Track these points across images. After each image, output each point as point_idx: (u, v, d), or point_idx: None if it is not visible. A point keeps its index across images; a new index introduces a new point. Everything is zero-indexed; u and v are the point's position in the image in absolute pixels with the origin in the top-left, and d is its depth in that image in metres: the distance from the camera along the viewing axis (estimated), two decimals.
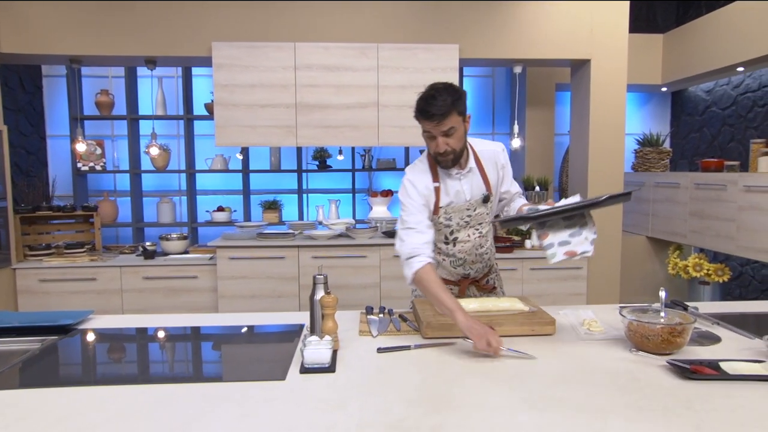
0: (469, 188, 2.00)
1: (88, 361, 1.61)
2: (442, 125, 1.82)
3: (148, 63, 3.96)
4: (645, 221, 5.02)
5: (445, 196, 2.00)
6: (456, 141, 1.87)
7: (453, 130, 1.84)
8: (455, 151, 1.88)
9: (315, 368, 1.45)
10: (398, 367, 1.47)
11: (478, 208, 2.01)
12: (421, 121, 1.85)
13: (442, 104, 1.78)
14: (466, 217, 2.01)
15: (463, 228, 2.04)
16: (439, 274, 2.12)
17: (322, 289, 1.66)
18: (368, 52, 3.79)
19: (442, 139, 1.84)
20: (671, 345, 1.51)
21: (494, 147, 2.08)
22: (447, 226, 2.02)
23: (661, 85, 5.01)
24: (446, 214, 2.01)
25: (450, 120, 1.81)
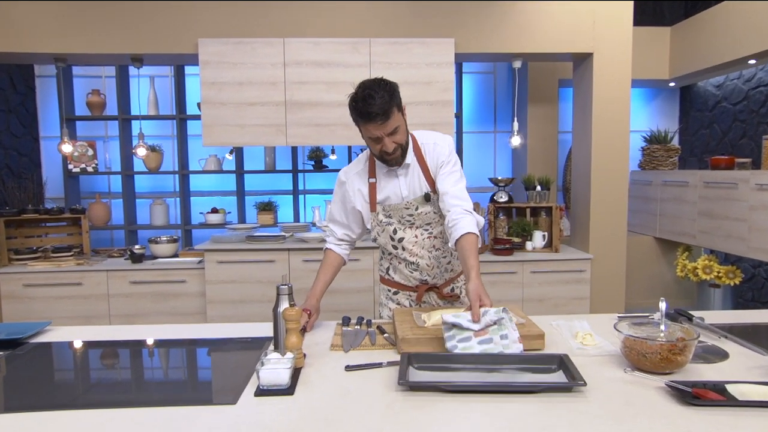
0: (406, 185, 1.89)
1: (22, 383, 1.43)
2: (386, 126, 1.71)
3: (135, 61, 3.84)
4: (652, 221, 4.83)
5: (381, 192, 1.91)
6: (402, 136, 1.79)
7: (398, 129, 1.75)
8: (402, 146, 1.81)
9: (272, 390, 1.30)
10: (365, 389, 1.33)
11: (420, 207, 1.88)
12: (361, 124, 1.74)
13: (381, 102, 1.66)
14: (407, 216, 1.90)
15: (407, 227, 1.92)
16: (397, 279, 2.02)
17: (286, 300, 1.52)
18: (360, 47, 3.65)
19: (389, 138, 1.74)
20: (671, 364, 1.35)
21: (438, 140, 1.90)
22: (389, 224, 1.92)
23: (668, 80, 4.81)
24: (385, 212, 1.91)
25: (393, 118, 1.71)
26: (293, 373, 1.40)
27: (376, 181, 1.90)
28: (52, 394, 1.33)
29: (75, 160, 4.67)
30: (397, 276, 2.00)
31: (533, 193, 4.07)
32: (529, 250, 4.00)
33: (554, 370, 1.39)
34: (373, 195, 1.90)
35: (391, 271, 2.02)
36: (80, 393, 1.33)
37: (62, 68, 4.36)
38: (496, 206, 4.09)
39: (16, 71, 4.69)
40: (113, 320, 3.76)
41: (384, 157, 1.81)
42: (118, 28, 3.65)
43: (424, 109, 3.70)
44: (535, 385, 1.29)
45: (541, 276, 3.83)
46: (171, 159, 4.95)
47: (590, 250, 3.90)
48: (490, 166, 5.16)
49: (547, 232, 4.02)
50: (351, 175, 1.94)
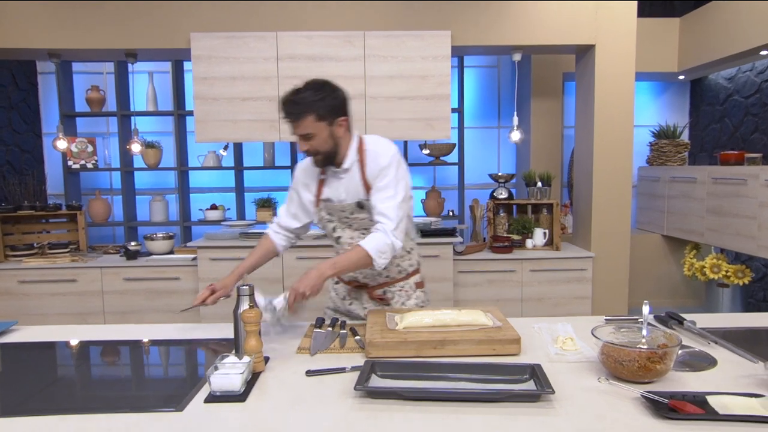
0: (344, 189, 1.88)
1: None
2: (297, 128, 1.73)
3: (129, 56, 3.81)
4: (660, 218, 4.70)
5: (326, 191, 1.92)
6: (319, 144, 1.76)
7: (312, 136, 1.73)
8: (320, 152, 1.79)
9: (223, 396, 1.24)
10: (322, 396, 1.26)
11: (354, 213, 1.88)
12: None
13: (297, 101, 1.69)
14: (344, 217, 1.91)
15: (346, 228, 1.93)
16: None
17: (246, 301, 1.45)
18: (354, 40, 3.57)
19: (302, 141, 1.76)
20: (650, 372, 1.26)
21: (381, 149, 1.83)
22: (330, 221, 1.94)
23: (677, 72, 4.66)
24: (326, 209, 1.93)
25: (305, 124, 1.71)
26: (250, 378, 1.34)
27: (325, 178, 1.92)
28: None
29: (75, 157, 4.66)
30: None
31: (534, 190, 3.97)
32: (530, 248, 3.90)
33: (525, 380, 1.31)
34: (319, 191, 1.93)
35: None
36: (21, 400, 1.26)
37: (61, 64, 4.36)
38: (496, 203, 3.99)
39: (17, 68, 4.69)
40: (107, 317, 3.74)
41: (308, 155, 1.83)
42: (111, 23, 3.61)
43: (420, 103, 3.61)
44: (498, 393, 1.21)
45: (541, 275, 3.73)
46: (173, 155, 4.92)
47: (592, 249, 3.79)
48: (493, 162, 5.05)
49: (548, 230, 3.91)
50: (307, 167, 1.95)
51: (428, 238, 3.69)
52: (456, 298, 3.71)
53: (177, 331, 1.82)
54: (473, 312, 1.64)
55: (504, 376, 1.33)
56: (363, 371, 1.31)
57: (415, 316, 1.61)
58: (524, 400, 1.21)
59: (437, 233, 3.75)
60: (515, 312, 3.73)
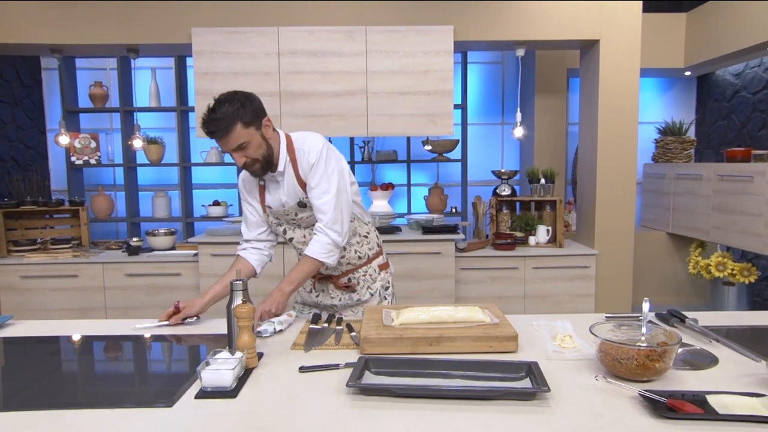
0: (285, 192, 1.86)
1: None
2: (228, 142, 1.67)
3: (130, 51, 3.81)
4: (665, 216, 4.65)
5: (268, 196, 1.91)
6: (254, 151, 1.73)
7: (245, 145, 1.70)
8: (259, 160, 1.75)
9: (214, 392, 1.23)
10: (314, 392, 1.24)
11: (299, 213, 1.87)
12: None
13: (221, 118, 1.63)
14: (290, 220, 1.91)
15: (295, 228, 1.93)
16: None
17: (239, 296, 1.44)
18: (356, 35, 3.55)
19: (236, 154, 1.71)
20: (649, 371, 1.24)
21: (308, 144, 1.82)
22: (278, 224, 1.94)
23: (684, 68, 4.60)
24: (272, 214, 1.92)
25: (235, 134, 1.66)
26: (242, 373, 1.33)
27: (264, 184, 1.90)
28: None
29: (78, 153, 4.67)
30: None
31: (537, 187, 3.93)
32: (533, 245, 3.87)
33: (522, 378, 1.29)
34: (262, 197, 1.91)
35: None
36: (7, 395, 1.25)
37: (64, 60, 4.37)
38: (499, 200, 3.96)
39: (22, 64, 4.70)
40: (109, 313, 3.75)
41: (245, 169, 1.79)
42: (112, 18, 3.61)
43: (422, 99, 3.59)
44: (492, 391, 1.19)
45: (543, 272, 3.70)
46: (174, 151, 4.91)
47: (596, 246, 3.76)
48: (497, 158, 5.01)
49: (551, 227, 3.88)
50: (246, 178, 1.93)
51: (430, 235, 3.66)
52: (458, 295, 3.69)
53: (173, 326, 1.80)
54: (470, 308, 1.61)
55: (500, 374, 1.31)
56: (356, 368, 1.29)
57: (412, 312, 1.59)
58: (519, 398, 1.18)
59: (439, 230, 3.72)
60: (518, 309, 3.70)
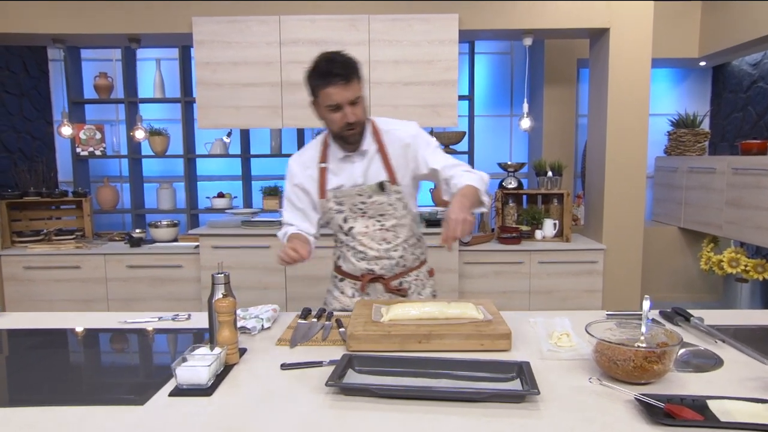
0: (361, 171, 1.77)
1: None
2: (348, 89, 1.61)
3: (132, 41, 3.78)
4: (677, 210, 4.53)
5: (333, 179, 1.80)
6: (362, 112, 1.70)
7: (359, 99, 1.67)
8: (362, 124, 1.71)
9: (189, 390, 1.18)
10: (293, 391, 1.19)
11: (374, 196, 1.77)
12: (322, 89, 1.63)
13: (344, 63, 1.61)
14: (359, 203, 1.78)
15: (359, 217, 1.80)
16: (345, 268, 1.90)
17: (220, 290, 1.39)
18: (358, 24, 3.47)
19: (350, 107, 1.64)
20: (647, 373, 1.17)
21: (400, 125, 1.81)
22: (339, 212, 1.81)
23: (698, 58, 4.46)
24: (336, 198, 1.79)
25: (355, 85, 1.64)
26: (221, 370, 1.28)
27: (326, 166, 1.80)
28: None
29: (83, 144, 4.66)
30: (345, 264, 1.90)
31: (544, 179, 3.84)
32: (539, 239, 3.79)
33: (512, 378, 1.22)
34: (323, 180, 1.80)
35: (341, 260, 1.93)
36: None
37: (69, 51, 4.35)
38: (505, 193, 3.87)
39: (28, 55, 4.69)
40: (111, 304, 3.74)
41: (344, 132, 1.69)
42: (114, 7, 3.57)
43: (426, 89, 3.51)
44: (478, 393, 1.12)
45: (549, 267, 3.61)
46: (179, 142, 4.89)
47: (604, 241, 3.66)
48: (505, 151, 4.92)
49: (558, 221, 3.79)
50: (302, 160, 1.84)
51: (434, 228, 3.59)
52: (461, 289, 3.62)
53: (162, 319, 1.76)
54: (463, 304, 1.55)
55: (490, 374, 1.24)
56: (338, 366, 1.23)
57: (402, 308, 1.53)
58: (507, 400, 1.12)
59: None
60: (522, 305, 3.63)
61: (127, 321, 1.70)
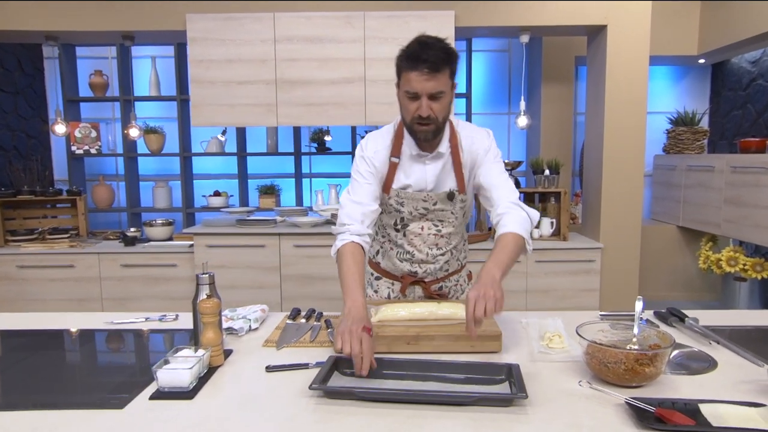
0: (433, 177, 1.64)
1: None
2: (432, 80, 1.44)
3: (126, 39, 3.74)
4: (675, 209, 4.50)
5: (402, 177, 1.66)
6: (442, 109, 1.51)
7: (442, 95, 1.48)
8: (438, 122, 1.52)
9: (172, 392, 1.15)
10: (276, 394, 1.16)
11: (439, 203, 1.65)
12: (405, 73, 1.48)
13: (437, 52, 1.43)
14: (421, 208, 1.67)
15: (416, 219, 1.69)
16: (384, 266, 1.81)
17: (205, 291, 1.36)
18: (354, 21, 3.44)
19: (427, 101, 1.47)
20: (638, 376, 1.14)
21: (478, 134, 1.67)
22: (398, 211, 1.69)
23: (698, 56, 4.43)
24: (398, 198, 1.67)
25: (442, 78, 1.46)
26: (205, 372, 1.25)
27: (399, 161, 1.64)
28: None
29: (78, 142, 4.63)
30: (385, 262, 1.80)
31: (541, 178, 3.81)
32: (536, 238, 3.76)
33: (501, 381, 1.20)
34: (390, 176, 1.65)
35: (379, 255, 1.82)
36: None
37: (64, 48, 4.33)
38: None
39: (23, 52, 4.66)
40: (105, 304, 3.72)
41: (415, 125, 1.53)
42: (107, 4, 3.54)
43: None
44: (465, 397, 1.10)
45: (546, 266, 3.59)
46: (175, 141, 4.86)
47: (601, 240, 3.63)
48: (503, 149, 4.87)
49: (555, 219, 3.76)
50: (376, 142, 1.66)
51: None
52: None
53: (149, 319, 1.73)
54: (454, 305, 1.52)
55: (479, 376, 1.22)
56: (323, 369, 1.21)
57: (391, 308, 1.51)
58: (494, 404, 1.09)
59: None
60: (519, 304, 3.60)
61: (114, 322, 1.68)
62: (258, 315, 1.64)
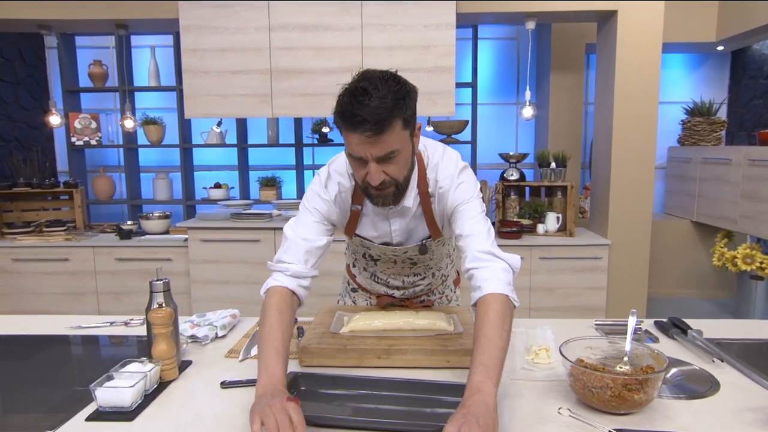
0: (400, 231, 1.40)
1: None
2: (378, 143, 1.12)
3: (119, 28, 3.66)
4: (690, 203, 4.32)
5: (365, 226, 1.42)
6: (400, 169, 1.20)
7: (395, 154, 1.16)
8: (398, 183, 1.22)
9: (113, 412, 1.06)
10: (226, 414, 1.06)
11: (410, 252, 1.45)
12: (344, 132, 1.16)
13: (378, 105, 1.08)
14: (391, 255, 1.47)
15: (387, 261, 1.51)
16: (360, 281, 1.67)
17: (158, 299, 1.26)
18: (351, 8, 3.30)
19: (377, 166, 1.16)
20: (626, 403, 1.02)
21: (447, 167, 1.33)
22: (366, 248, 1.50)
23: (716, 42, 4.22)
24: (363, 244, 1.47)
25: (391, 134, 1.12)
26: (155, 387, 1.16)
27: (361, 209, 1.38)
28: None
29: (78, 133, 4.57)
30: (360, 278, 1.66)
31: (547, 171, 3.66)
32: (541, 233, 3.62)
33: None
34: (353, 223, 1.41)
35: (355, 269, 1.67)
36: None
37: (63, 38, 4.26)
38: (506, 185, 3.70)
39: (24, 42, 4.59)
40: (101, 297, 3.67)
41: (369, 190, 1.22)
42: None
43: (422, 76, 3.34)
44: (421, 426, 0.98)
45: (551, 263, 3.45)
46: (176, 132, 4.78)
47: (609, 236, 3.48)
48: (510, 141, 4.73)
49: (561, 214, 3.61)
50: (335, 187, 1.35)
51: None
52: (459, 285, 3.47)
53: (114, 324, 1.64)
54: (433, 314, 1.41)
55: (447, 398, 1.10)
56: None
57: (365, 318, 1.40)
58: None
59: None
60: (523, 302, 3.47)
61: (75, 326, 1.59)
62: (226, 321, 1.54)
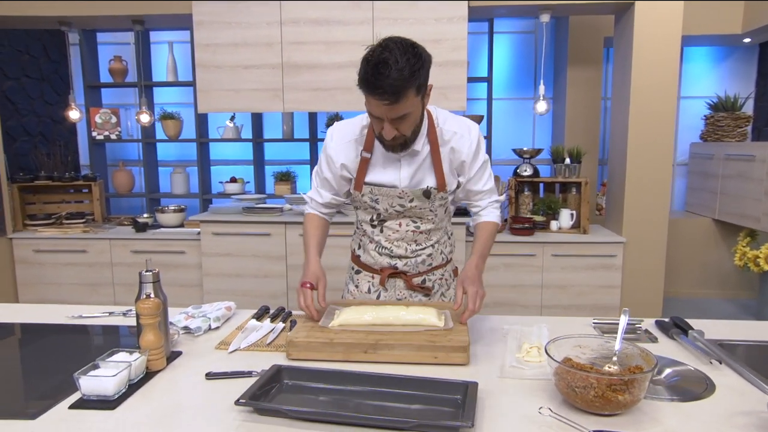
0: (408, 174, 1.56)
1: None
2: (394, 107, 1.33)
3: (135, 23, 3.71)
4: (712, 201, 4.20)
5: (374, 173, 1.58)
6: (408, 126, 1.43)
7: (407, 116, 1.39)
8: (406, 138, 1.46)
9: (96, 401, 1.07)
10: (209, 406, 1.07)
11: (415, 200, 1.57)
12: (365, 93, 1.37)
13: (396, 78, 1.28)
14: (397, 205, 1.58)
15: (393, 217, 1.61)
16: (364, 260, 1.72)
17: (147, 289, 1.28)
18: (362, 2, 3.29)
19: (390, 126, 1.38)
20: (609, 404, 0.99)
21: (462, 131, 1.55)
22: (373, 208, 1.61)
23: (742, 34, 4.07)
24: (372, 195, 1.58)
25: (405, 102, 1.33)
26: (141, 377, 1.17)
27: (371, 156, 1.56)
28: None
29: (98, 128, 4.67)
30: (365, 256, 1.71)
31: (562, 167, 3.59)
32: (554, 230, 3.56)
33: (457, 402, 1.06)
34: (362, 172, 1.58)
35: (360, 249, 1.74)
36: None
37: (85, 34, 4.35)
38: (519, 180, 3.65)
39: (48, 39, 4.70)
40: (117, 289, 3.75)
41: (380, 139, 1.48)
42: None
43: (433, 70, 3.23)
44: (404, 423, 0.97)
45: (563, 260, 3.39)
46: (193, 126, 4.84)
47: (624, 233, 3.40)
48: (527, 136, 4.66)
49: (575, 211, 3.55)
50: (342, 140, 1.58)
51: (460, 218, 3.40)
52: None
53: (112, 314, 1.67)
54: (424, 309, 1.39)
55: (431, 394, 1.09)
56: (260, 379, 1.11)
57: (356, 311, 1.39)
58: (436, 431, 0.97)
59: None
60: (534, 300, 3.43)
61: (78, 315, 1.62)
62: (221, 313, 1.55)
